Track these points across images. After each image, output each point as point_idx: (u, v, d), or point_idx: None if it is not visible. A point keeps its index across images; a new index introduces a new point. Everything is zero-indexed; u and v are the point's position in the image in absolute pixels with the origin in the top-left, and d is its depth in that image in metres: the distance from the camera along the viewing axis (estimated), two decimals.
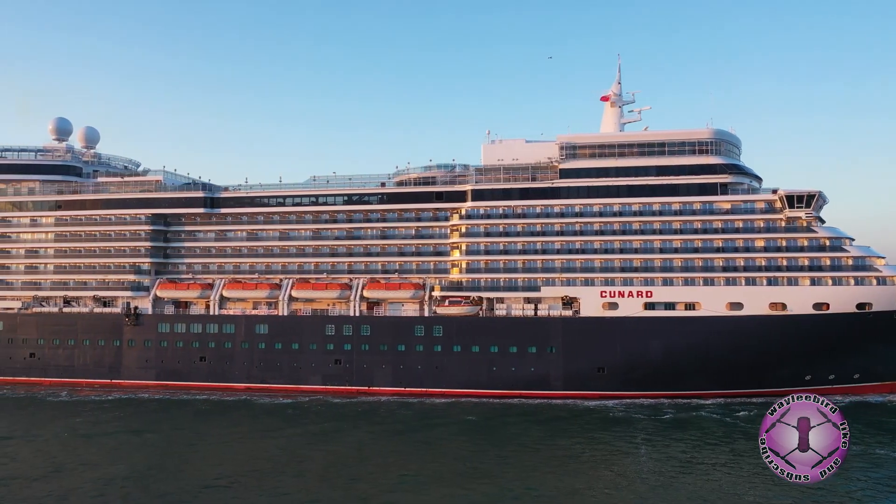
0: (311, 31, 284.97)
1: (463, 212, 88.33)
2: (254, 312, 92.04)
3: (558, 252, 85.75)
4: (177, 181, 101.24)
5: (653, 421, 69.99)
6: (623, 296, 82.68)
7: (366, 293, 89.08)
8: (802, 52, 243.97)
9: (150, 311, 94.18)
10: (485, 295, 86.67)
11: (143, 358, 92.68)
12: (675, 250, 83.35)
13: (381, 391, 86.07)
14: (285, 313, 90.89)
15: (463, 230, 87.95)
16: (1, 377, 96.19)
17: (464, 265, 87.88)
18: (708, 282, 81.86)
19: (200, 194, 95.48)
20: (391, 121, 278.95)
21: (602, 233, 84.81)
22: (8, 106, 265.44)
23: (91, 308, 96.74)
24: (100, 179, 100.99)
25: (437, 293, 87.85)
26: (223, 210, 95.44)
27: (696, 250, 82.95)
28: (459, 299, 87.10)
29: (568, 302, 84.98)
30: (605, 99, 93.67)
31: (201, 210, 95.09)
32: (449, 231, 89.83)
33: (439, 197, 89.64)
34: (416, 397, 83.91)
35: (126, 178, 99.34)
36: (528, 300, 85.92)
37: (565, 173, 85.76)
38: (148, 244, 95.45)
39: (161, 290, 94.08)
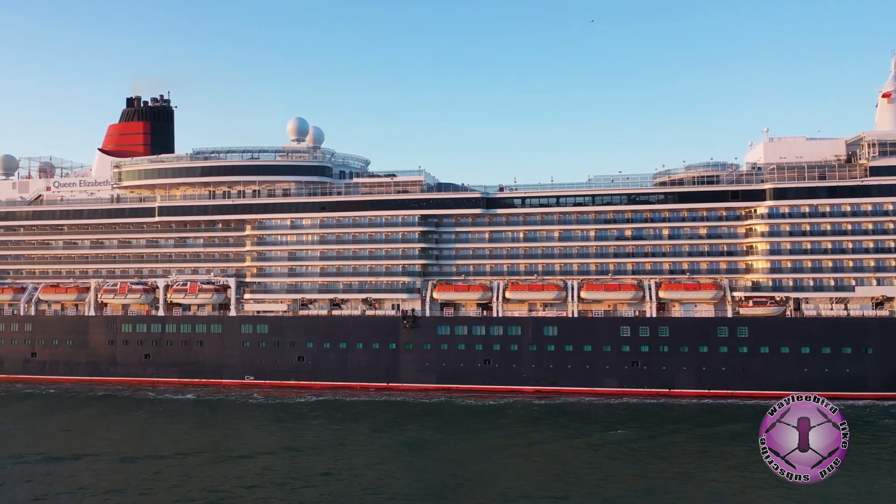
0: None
1: (762, 210, 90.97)
2: (541, 314, 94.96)
3: (867, 252, 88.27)
4: (431, 181, 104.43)
5: None
6: None
7: (661, 294, 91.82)
8: None
9: (425, 314, 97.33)
10: (791, 295, 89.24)
11: (423, 361, 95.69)
12: None
13: (682, 393, 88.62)
14: (575, 314, 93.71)
15: (764, 229, 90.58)
16: (267, 380, 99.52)
17: (764, 265, 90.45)
18: None
19: (478, 195, 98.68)
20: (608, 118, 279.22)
21: None
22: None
23: (363, 311, 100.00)
24: (356, 180, 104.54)
25: (739, 294, 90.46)
26: (499, 210, 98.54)
27: None
28: (764, 300, 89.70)
29: (880, 302, 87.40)
30: (886, 96, 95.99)
31: (478, 211, 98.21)
32: (744, 230, 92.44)
33: (735, 196, 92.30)
34: (720, 399, 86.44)
35: (395, 179, 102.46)
36: (837, 300, 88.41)
37: (876, 171, 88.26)
38: (420, 245, 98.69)
39: (438, 292, 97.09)
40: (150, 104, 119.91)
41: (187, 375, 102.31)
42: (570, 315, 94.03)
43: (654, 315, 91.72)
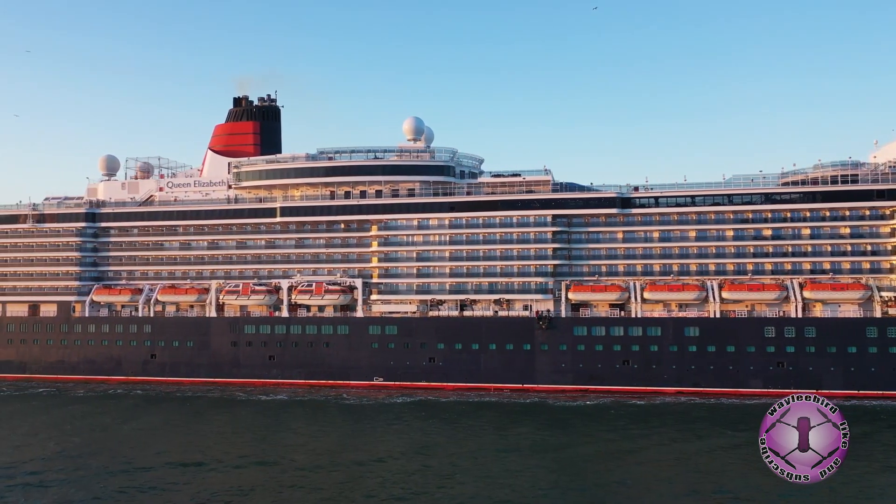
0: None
1: None
2: (678, 314, 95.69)
3: None
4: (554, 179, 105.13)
5: None
6: None
7: (806, 294, 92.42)
8: None
9: (560, 314, 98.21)
10: None
11: (559, 362, 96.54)
12: None
13: (831, 394, 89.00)
14: (717, 315, 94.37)
15: None
16: (396, 382, 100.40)
17: None
18: None
19: (613, 194, 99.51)
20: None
21: None
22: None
23: (494, 312, 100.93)
24: (481, 180, 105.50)
25: (887, 294, 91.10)
26: (633, 210, 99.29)
27: None
28: None
29: None
30: None
31: (613, 211, 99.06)
32: (889, 230, 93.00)
33: (880, 195, 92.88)
34: (870, 400, 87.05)
35: (522, 179, 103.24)
36: None
37: None
38: (553, 246, 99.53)
39: (573, 292, 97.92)
40: (257, 104, 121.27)
41: (314, 377, 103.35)
42: (711, 315, 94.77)
43: (800, 315, 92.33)
